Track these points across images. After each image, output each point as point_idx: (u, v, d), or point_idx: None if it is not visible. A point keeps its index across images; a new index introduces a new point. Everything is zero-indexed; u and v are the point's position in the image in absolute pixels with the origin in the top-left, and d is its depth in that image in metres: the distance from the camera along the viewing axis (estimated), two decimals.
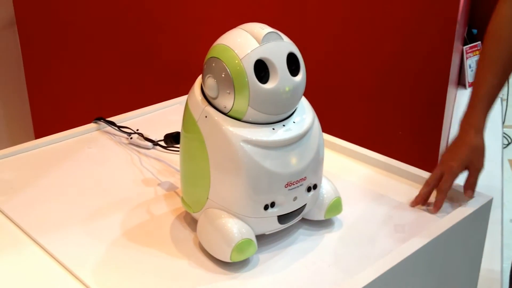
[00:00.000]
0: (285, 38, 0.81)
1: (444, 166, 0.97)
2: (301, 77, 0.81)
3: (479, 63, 1.00)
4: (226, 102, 0.78)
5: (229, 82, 0.77)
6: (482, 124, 0.98)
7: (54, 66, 1.95)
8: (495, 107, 2.78)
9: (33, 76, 1.98)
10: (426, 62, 1.66)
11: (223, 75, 0.77)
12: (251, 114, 0.79)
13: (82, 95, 1.97)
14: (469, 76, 2.80)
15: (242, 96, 0.77)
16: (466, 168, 0.97)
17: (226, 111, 0.79)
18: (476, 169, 0.97)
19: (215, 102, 0.80)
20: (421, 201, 0.97)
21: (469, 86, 2.81)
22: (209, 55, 0.81)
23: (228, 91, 0.77)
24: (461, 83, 2.81)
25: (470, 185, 0.96)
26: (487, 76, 0.98)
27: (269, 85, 0.78)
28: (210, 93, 0.79)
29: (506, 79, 0.99)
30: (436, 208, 0.95)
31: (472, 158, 0.96)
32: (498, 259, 1.66)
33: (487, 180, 2.14)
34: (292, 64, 0.80)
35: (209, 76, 0.79)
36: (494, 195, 0.98)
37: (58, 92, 1.98)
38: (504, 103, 2.94)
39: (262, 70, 0.77)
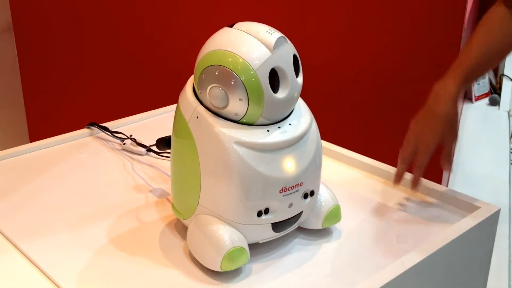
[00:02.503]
0: (287, 37, 0.77)
1: (418, 141, 0.93)
2: (301, 78, 0.78)
3: (468, 42, 0.95)
4: (238, 109, 0.74)
5: (242, 90, 0.72)
6: (457, 93, 0.93)
7: (50, 71, 1.94)
8: (502, 122, 2.73)
9: (29, 80, 1.96)
10: (431, 71, 1.62)
11: (232, 82, 0.72)
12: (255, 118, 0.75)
13: (79, 100, 1.95)
14: (476, 89, 2.75)
15: (257, 106, 0.73)
16: (441, 141, 0.93)
17: (237, 118, 0.75)
18: (451, 140, 0.94)
19: (223, 111, 0.75)
20: (400, 179, 0.95)
21: (476, 100, 2.77)
22: (209, 62, 0.74)
23: (240, 98, 0.73)
24: (467, 96, 2.76)
25: (446, 156, 0.94)
26: (473, 54, 0.93)
27: (281, 94, 0.75)
28: (216, 103, 0.74)
29: (490, 64, 0.96)
30: (415, 185, 0.93)
31: (446, 130, 0.93)
32: (505, 276, 1.60)
33: (494, 196, 2.10)
34: (294, 65, 0.76)
35: (214, 86, 0.74)
36: (501, 211, 0.93)
37: (54, 97, 1.96)
38: None
39: (273, 78, 0.74)
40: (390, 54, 1.63)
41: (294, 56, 0.77)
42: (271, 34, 0.74)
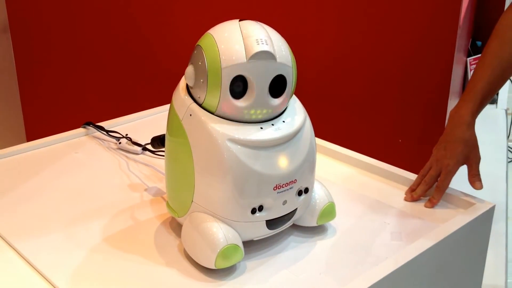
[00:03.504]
0: (282, 56, 0.74)
1: (440, 164, 0.96)
2: (282, 99, 0.76)
3: (479, 60, 0.98)
4: (200, 92, 0.75)
5: (203, 73, 0.74)
6: (474, 119, 0.96)
7: (46, 71, 1.93)
8: (500, 120, 2.72)
9: (25, 81, 1.96)
10: (426, 72, 1.62)
11: (200, 63, 0.74)
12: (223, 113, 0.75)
13: (75, 100, 1.94)
14: None
15: (214, 93, 0.74)
16: (462, 164, 0.96)
17: (200, 101, 0.76)
18: (475, 162, 0.97)
19: (192, 92, 0.76)
20: (417, 199, 0.96)
21: None
22: (198, 42, 0.77)
23: (201, 80, 0.74)
24: None
25: (475, 177, 0.96)
26: (485, 72, 0.96)
27: (240, 103, 0.74)
28: (187, 79, 0.76)
29: (504, 80, 0.97)
30: (432, 204, 0.94)
31: (467, 153, 0.96)
32: (502, 274, 1.60)
33: (491, 193, 2.09)
34: (278, 84, 0.75)
35: (190, 64, 0.76)
36: (499, 209, 0.94)
37: (51, 98, 1.96)
38: (510, 116, 2.88)
39: (241, 84, 0.73)
40: (385, 52, 1.63)
41: (280, 76, 0.75)
42: (259, 44, 0.73)
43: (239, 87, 0.73)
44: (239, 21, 0.77)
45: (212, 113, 0.75)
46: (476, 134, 0.98)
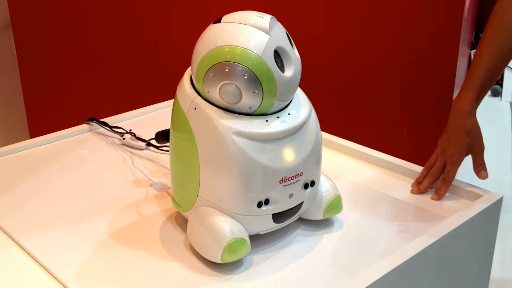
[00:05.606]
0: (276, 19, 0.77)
1: (445, 156, 0.95)
2: (298, 52, 0.78)
3: (478, 46, 0.96)
4: (252, 102, 0.73)
5: (256, 83, 0.72)
6: (474, 108, 0.95)
7: (49, 68, 1.93)
8: (504, 113, 2.71)
9: (28, 78, 1.96)
10: (432, 65, 1.62)
11: (245, 77, 0.72)
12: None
13: (78, 96, 1.94)
14: None
15: (271, 92, 0.73)
16: (467, 154, 0.95)
17: (251, 111, 0.74)
18: (478, 151, 0.96)
19: (235, 106, 0.74)
20: (424, 191, 0.95)
21: None
22: (215, 60, 0.73)
23: (255, 91, 0.73)
24: None
25: (480, 166, 0.96)
26: (484, 59, 0.94)
27: (289, 72, 0.75)
28: (230, 99, 0.73)
29: (503, 64, 0.96)
30: (439, 196, 0.94)
31: (470, 143, 0.95)
32: (509, 267, 1.60)
33: (497, 186, 2.08)
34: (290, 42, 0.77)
35: (226, 83, 0.73)
36: (505, 201, 0.93)
37: (54, 94, 1.96)
38: None
39: (277, 60, 0.74)
40: (389, 45, 1.63)
41: (286, 33, 0.77)
42: (263, 18, 0.74)
43: (278, 62, 0.74)
44: (216, 23, 0.77)
45: (265, 114, 0.75)
46: (481, 127, 0.97)
